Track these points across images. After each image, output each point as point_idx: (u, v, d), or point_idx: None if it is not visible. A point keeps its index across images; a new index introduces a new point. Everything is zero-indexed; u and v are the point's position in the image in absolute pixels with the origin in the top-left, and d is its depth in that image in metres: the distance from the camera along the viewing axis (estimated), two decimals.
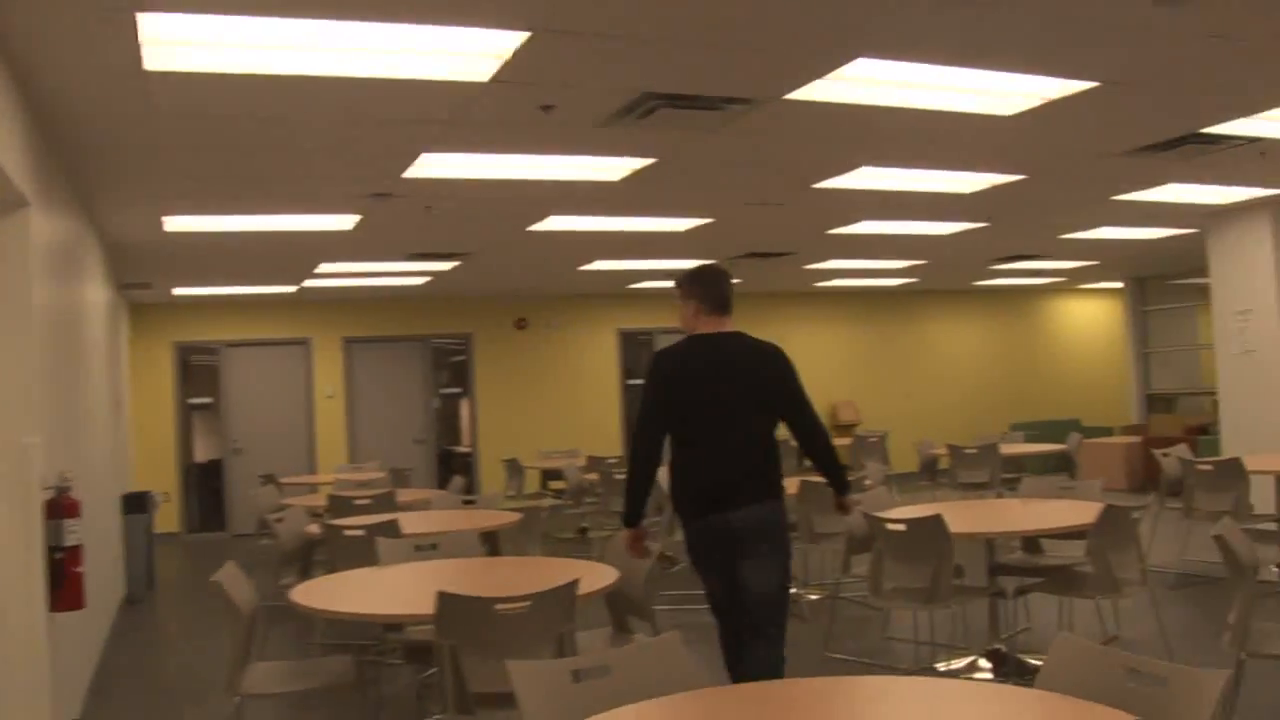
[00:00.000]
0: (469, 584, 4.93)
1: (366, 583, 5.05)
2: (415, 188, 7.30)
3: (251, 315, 14.47)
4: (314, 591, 4.74)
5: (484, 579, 5.07)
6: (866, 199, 8.39)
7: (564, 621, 4.15)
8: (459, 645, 4.03)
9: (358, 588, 4.93)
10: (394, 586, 4.93)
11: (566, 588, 4.12)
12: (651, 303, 15.97)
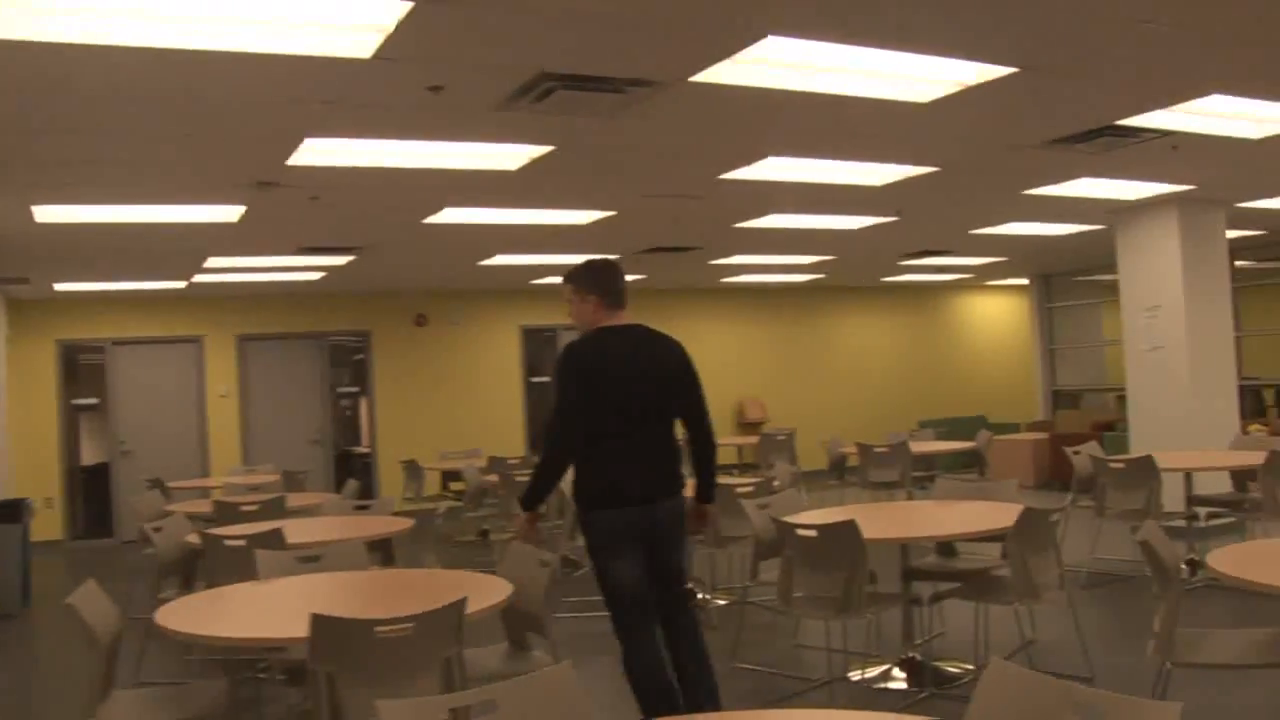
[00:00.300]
0: (351, 601, 4.58)
1: (241, 600, 4.66)
2: (301, 176, 6.89)
3: (140, 312, 13.85)
4: (180, 611, 4.34)
5: (367, 595, 4.70)
6: (775, 191, 8.15)
7: (451, 644, 3.82)
8: (336, 672, 3.68)
9: (231, 606, 4.54)
10: (270, 604, 4.55)
11: (453, 608, 3.79)
12: (555, 299, 15.48)
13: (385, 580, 5.00)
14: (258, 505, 7.85)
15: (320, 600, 4.54)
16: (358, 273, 12.27)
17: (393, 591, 4.76)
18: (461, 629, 3.82)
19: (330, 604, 4.45)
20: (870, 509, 6.71)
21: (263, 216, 8.23)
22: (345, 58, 4.53)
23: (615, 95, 5.16)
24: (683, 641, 4.84)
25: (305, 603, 4.34)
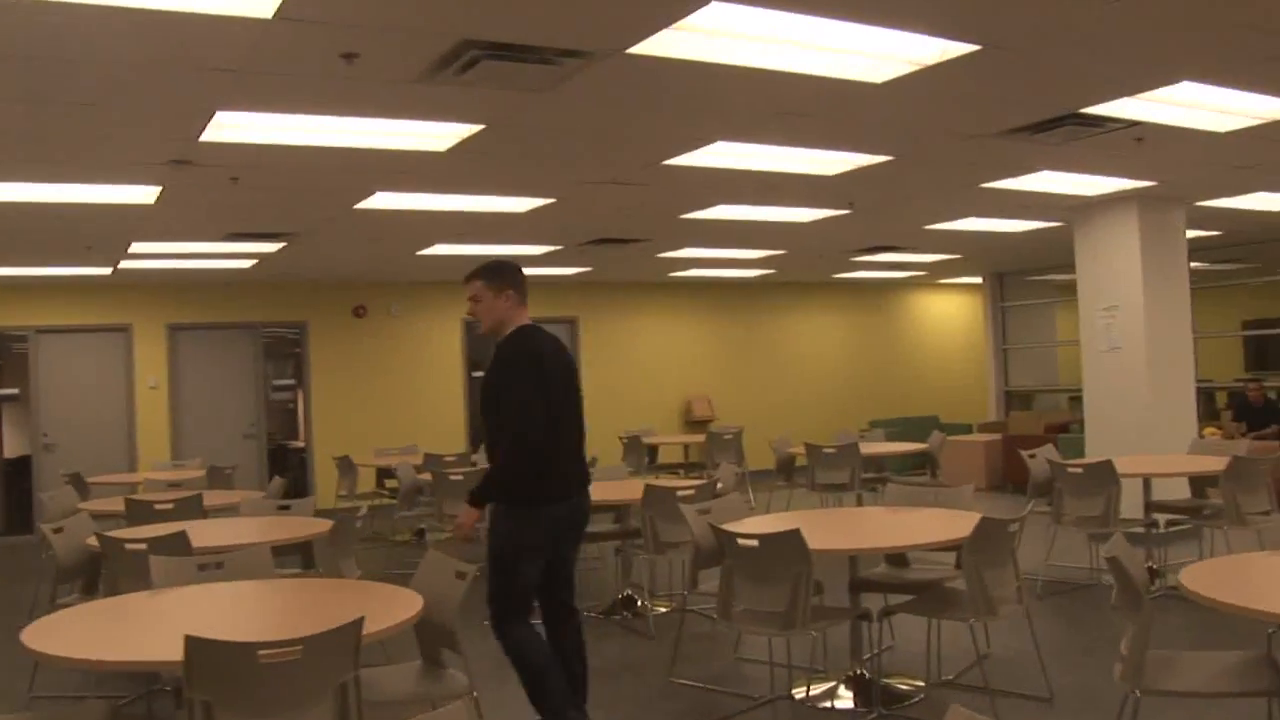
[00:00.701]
0: (243, 617, 4.17)
1: (128, 612, 4.24)
2: (217, 154, 6.44)
3: (66, 299, 13.27)
4: (55, 626, 3.91)
5: (263, 610, 4.29)
6: (722, 179, 7.77)
7: (345, 669, 3.42)
8: (214, 701, 3.27)
9: (114, 619, 4.11)
10: (156, 619, 4.12)
11: (347, 629, 3.39)
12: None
13: (286, 592, 4.58)
14: (173, 504, 7.43)
15: (210, 615, 4.14)
16: (293, 261, 11.80)
17: (292, 606, 4.34)
18: (358, 652, 3.43)
19: (220, 620, 4.06)
20: (817, 516, 6.36)
21: (182, 199, 7.76)
22: (245, 17, 4.10)
23: (546, 67, 4.76)
24: (573, 642, 4.96)
25: (194, 618, 3.99)
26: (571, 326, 15.77)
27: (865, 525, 5.98)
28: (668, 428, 15.81)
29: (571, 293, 15.60)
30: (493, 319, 4.80)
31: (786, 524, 5.08)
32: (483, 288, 4.81)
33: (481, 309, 4.81)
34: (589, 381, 15.60)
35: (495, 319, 4.80)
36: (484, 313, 4.81)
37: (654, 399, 16.04)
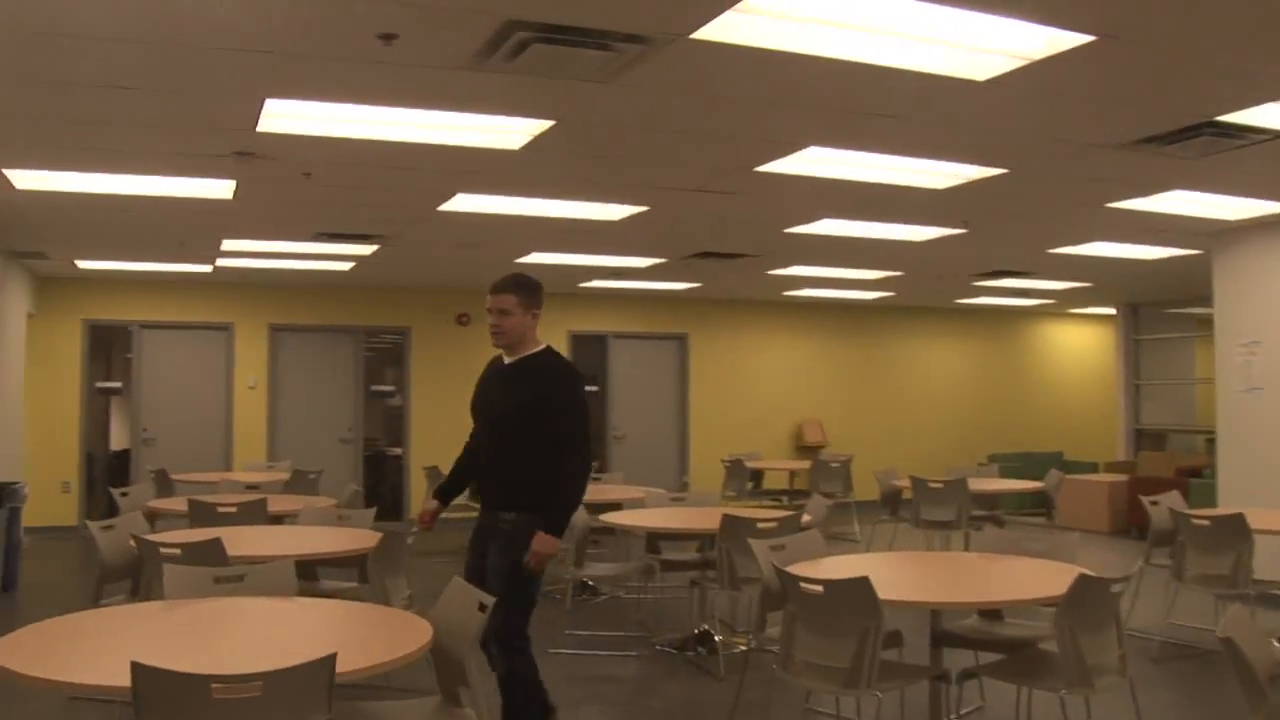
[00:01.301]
0: (227, 640, 3.79)
1: (118, 625, 3.93)
2: (280, 146, 6.15)
3: (170, 295, 13.29)
4: (24, 644, 3.57)
5: (249, 635, 3.91)
6: (821, 190, 7.23)
7: (314, 711, 3.00)
8: None
9: (98, 632, 3.79)
10: (143, 635, 3.79)
11: (315, 667, 2.98)
12: (605, 303, 14.83)
13: (289, 613, 4.20)
14: (236, 508, 7.18)
15: (192, 636, 3.79)
16: (392, 265, 11.58)
17: (285, 630, 3.95)
18: (330, 692, 3.01)
19: (197, 642, 3.70)
20: (903, 559, 5.79)
21: (258, 194, 7.54)
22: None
23: (603, 53, 4.30)
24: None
25: (175, 637, 3.82)
26: (681, 343, 15.31)
27: (953, 573, 5.37)
28: (777, 452, 15.22)
29: (682, 308, 15.15)
30: (513, 336, 4.78)
31: (862, 568, 4.54)
32: (516, 303, 4.74)
33: (511, 323, 4.75)
34: (696, 400, 15.28)
35: (515, 337, 4.77)
36: (512, 327, 4.75)
37: (763, 422, 15.48)
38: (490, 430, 4.89)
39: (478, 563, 4.83)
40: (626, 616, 8.17)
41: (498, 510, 4.78)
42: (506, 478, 4.79)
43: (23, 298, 11.90)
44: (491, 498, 4.89)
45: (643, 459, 14.88)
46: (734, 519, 6.53)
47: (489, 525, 4.81)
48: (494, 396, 4.91)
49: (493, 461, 4.86)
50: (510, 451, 4.77)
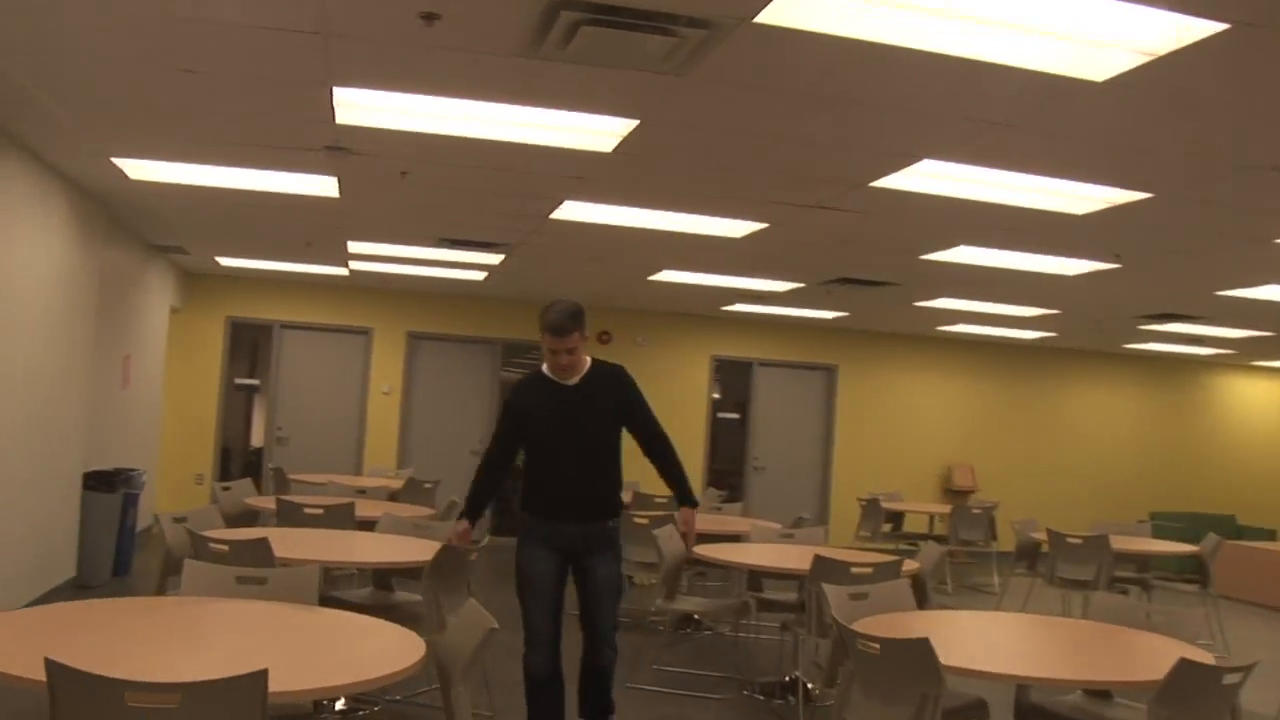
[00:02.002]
0: (187, 644, 3.56)
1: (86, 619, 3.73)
2: (366, 141, 5.93)
3: (311, 296, 13.39)
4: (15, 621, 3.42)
5: (223, 639, 3.63)
6: (950, 211, 6.63)
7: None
8: None
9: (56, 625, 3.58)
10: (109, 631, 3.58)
11: (242, 682, 2.65)
12: (751, 329, 14.35)
13: (286, 621, 3.90)
14: (323, 510, 7.05)
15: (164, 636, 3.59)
16: (523, 278, 11.38)
17: (275, 639, 3.65)
18: (263, 709, 2.67)
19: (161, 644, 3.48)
20: (997, 622, 5.15)
21: (361, 192, 7.36)
22: None
23: (662, 38, 3.88)
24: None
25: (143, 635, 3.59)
26: (829, 374, 14.72)
27: (1052, 641, 4.74)
28: (924, 494, 14.45)
29: (831, 338, 14.56)
30: (577, 370, 5.02)
31: (941, 628, 4.02)
32: (579, 338, 4.94)
33: (577, 356, 4.97)
34: (842, 435, 14.64)
35: (576, 369, 5.02)
36: (579, 359, 5.00)
37: (911, 462, 14.74)
38: (577, 448, 5.04)
39: (560, 571, 5.05)
40: (723, 656, 7.69)
41: (596, 521, 5.08)
42: (603, 488, 5.12)
43: (167, 291, 12.10)
44: (587, 510, 5.07)
45: (781, 492, 14.34)
46: (826, 560, 6.01)
47: (584, 536, 5.05)
48: (573, 416, 5.03)
49: (584, 476, 5.05)
50: (602, 463, 5.09)
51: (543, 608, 4.98)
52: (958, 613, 5.43)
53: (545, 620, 4.98)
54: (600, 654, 5.08)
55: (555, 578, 5.02)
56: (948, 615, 5.27)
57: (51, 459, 8.12)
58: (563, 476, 5.03)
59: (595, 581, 5.05)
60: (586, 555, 5.03)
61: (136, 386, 10.83)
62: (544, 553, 5.00)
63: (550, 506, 5.06)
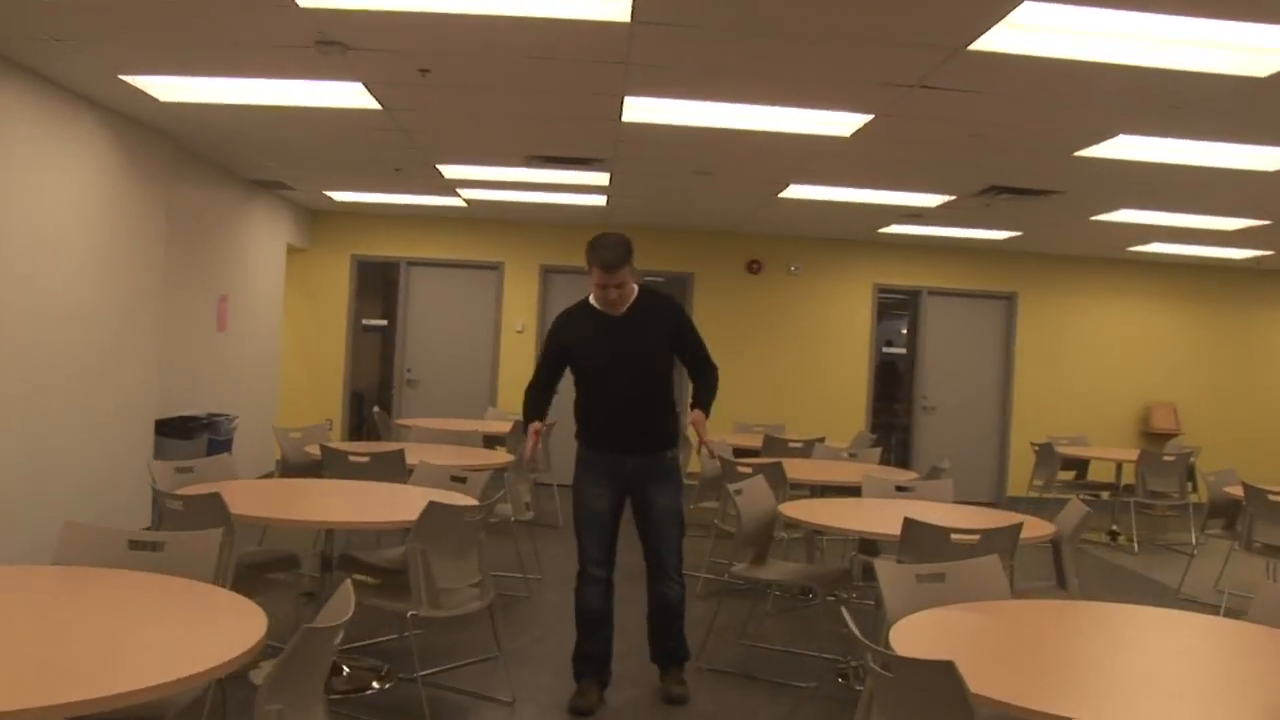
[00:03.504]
0: None
1: None
2: (359, 31, 5.00)
3: (439, 231, 12.68)
4: None
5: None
6: (1084, 82, 5.25)
7: None
8: None
9: None
10: None
11: None
12: (917, 254, 12.93)
13: (113, 592, 3.04)
14: (369, 457, 6.38)
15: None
16: (646, 200, 10.36)
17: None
18: None
19: None
20: (1131, 622, 3.86)
21: (401, 103, 6.47)
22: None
23: None
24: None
25: None
26: (1008, 304, 13.17)
27: (1157, 657, 3.45)
28: (1113, 438, 12.74)
29: (1008, 263, 13.00)
30: (624, 304, 4.95)
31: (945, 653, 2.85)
32: (629, 272, 4.87)
33: (627, 290, 4.92)
34: (1023, 371, 13.10)
35: (624, 298, 4.94)
36: (629, 292, 4.95)
37: (1103, 401, 13.06)
38: (627, 378, 4.97)
39: (617, 505, 5.03)
40: (833, 631, 6.56)
41: (654, 451, 5.04)
42: (657, 418, 5.07)
43: (280, 229, 11.55)
44: (642, 441, 5.03)
45: (954, 436, 12.96)
46: (917, 526, 4.83)
47: (642, 467, 5.01)
48: (621, 346, 4.96)
49: (636, 407, 4.99)
50: (653, 392, 5.04)
51: (599, 540, 4.98)
52: (1072, 606, 4.17)
53: (600, 552, 4.97)
54: (667, 589, 5.05)
55: (612, 511, 5.01)
56: (1053, 610, 4.02)
57: (115, 406, 7.60)
58: (614, 408, 4.99)
59: (656, 513, 5.01)
60: (645, 486, 5.01)
61: (239, 329, 10.30)
62: (601, 486, 4.99)
63: (605, 438, 5.03)
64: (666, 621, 5.11)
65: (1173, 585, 8.24)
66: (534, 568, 7.74)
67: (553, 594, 7.14)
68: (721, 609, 6.29)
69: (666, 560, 5.05)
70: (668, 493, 5.04)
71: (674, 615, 5.10)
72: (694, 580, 7.51)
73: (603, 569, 4.99)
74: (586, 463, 5.06)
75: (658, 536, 5.03)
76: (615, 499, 5.02)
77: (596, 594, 4.99)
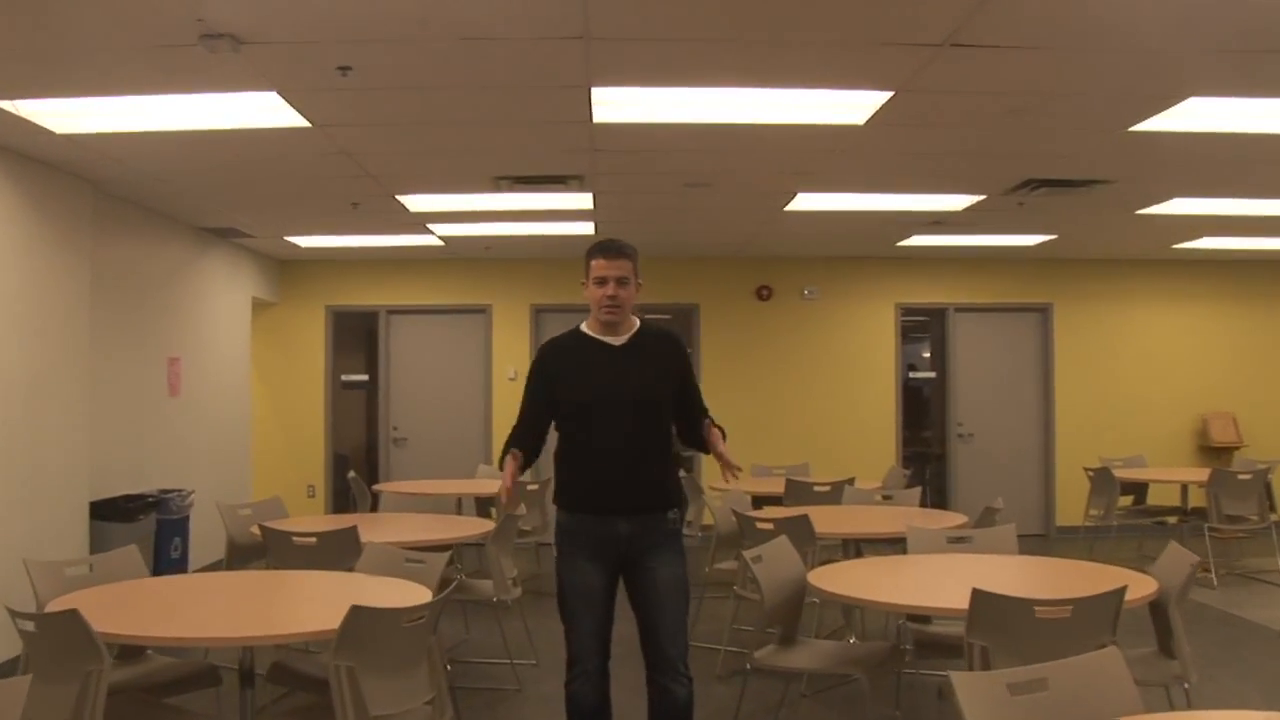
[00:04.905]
0: None
1: None
2: (241, 15, 3.98)
3: (419, 275, 11.65)
4: None
5: None
6: (1156, 18, 4.22)
7: None
8: None
9: None
10: None
11: None
12: (940, 268, 11.86)
13: None
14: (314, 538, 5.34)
15: None
16: (640, 226, 9.33)
17: None
18: None
19: None
20: None
21: (326, 111, 5.45)
22: None
23: None
24: None
25: None
26: (1043, 316, 12.04)
27: None
28: (1169, 455, 11.52)
29: (1041, 272, 11.87)
30: (629, 309, 4.22)
31: None
32: (632, 269, 4.18)
33: (628, 294, 4.18)
34: (1064, 390, 11.96)
35: (630, 309, 4.22)
36: (629, 298, 4.19)
37: (1153, 416, 11.85)
38: (626, 421, 4.11)
39: (610, 583, 4.16)
40: (884, 717, 5.42)
41: (652, 511, 4.16)
42: (658, 470, 4.21)
43: (243, 281, 10.55)
44: (640, 499, 4.15)
45: (994, 464, 11.83)
46: (990, 599, 3.72)
47: (639, 533, 4.13)
48: (620, 382, 4.15)
49: (634, 456, 4.12)
50: (655, 441, 4.19)
51: (590, 627, 4.11)
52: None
53: (593, 641, 4.10)
54: (672, 687, 4.08)
55: (604, 591, 4.15)
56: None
57: (31, 491, 6.56)
58: (608, 458, 4.12)
59: (656, 587, 4.12)
60: (643, 556, 4.13)
61: (196, 393, 9.25)
62: (590, 562, 4.13)
63: (594, 498, 4.16)
64: None
65: (1267, 624, 7.20)
66: (526, 650, 6.65)
67: (550, 684, 6.03)
68: (747, 693, 5.19)
69: (671, 650, 4.11)
70: (670, 563, 4.16)
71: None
72: (713, 655, 6.42)
73: (597, 659, 4.13)
74: (570, 533, 4.20)
75: (659, 618, 4.12)
76: (608, 574, 4.16)
77: (592, 688, 4.12)
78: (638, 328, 4.25)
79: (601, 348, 4.20)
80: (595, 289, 4.15)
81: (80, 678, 3.39)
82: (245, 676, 4.07)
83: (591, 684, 4.14)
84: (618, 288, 4.11)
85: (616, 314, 4.15)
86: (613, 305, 4.13)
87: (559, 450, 4.26)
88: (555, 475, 4.27)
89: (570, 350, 4.28)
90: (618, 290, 4.11)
